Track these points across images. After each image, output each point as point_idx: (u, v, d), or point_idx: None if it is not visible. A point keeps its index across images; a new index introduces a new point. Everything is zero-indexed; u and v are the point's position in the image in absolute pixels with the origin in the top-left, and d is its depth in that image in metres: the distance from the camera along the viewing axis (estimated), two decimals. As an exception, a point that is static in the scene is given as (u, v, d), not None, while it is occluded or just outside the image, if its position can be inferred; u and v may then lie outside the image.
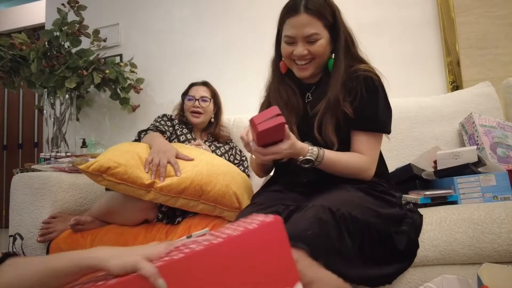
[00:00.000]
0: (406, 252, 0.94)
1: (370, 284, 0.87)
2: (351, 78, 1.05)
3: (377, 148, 1.06)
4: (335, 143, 1.02)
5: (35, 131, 3.89)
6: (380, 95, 1.05)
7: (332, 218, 0.83)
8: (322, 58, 1.07)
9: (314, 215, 0.84)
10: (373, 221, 0.88)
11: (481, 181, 1.13)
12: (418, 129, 1.63)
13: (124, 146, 1.30)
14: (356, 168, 1.02)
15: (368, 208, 0.91)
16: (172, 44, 2.43)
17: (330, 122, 1.03)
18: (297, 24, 1.02)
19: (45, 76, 2.04)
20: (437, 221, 1.00)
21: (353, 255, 0.83)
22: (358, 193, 0.96)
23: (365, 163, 1.02)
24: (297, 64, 1.07)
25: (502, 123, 1.50)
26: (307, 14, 1.01)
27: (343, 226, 0.83)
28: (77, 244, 1.27)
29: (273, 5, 2.21)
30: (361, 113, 1.03)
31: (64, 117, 2.20)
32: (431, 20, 1.96)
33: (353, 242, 0.84)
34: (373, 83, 1.04)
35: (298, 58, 1.06)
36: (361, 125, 1.04)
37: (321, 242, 0.79)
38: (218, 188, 1.23)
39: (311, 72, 1.08)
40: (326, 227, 0.82)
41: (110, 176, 1.16)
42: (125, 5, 2.57)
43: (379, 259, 0.88)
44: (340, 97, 1.03)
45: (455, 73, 1.89)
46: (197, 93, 1.69)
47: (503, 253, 0.94)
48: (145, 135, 1.46)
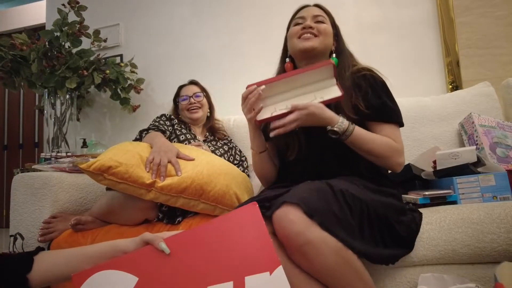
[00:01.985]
0: (406, 238, 0.93)
1: (372, 259, 0.86)
2: (358, 77, 1.09)
3: (401, 140, 1.07)
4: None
5: (35, 131, 3.89)
6: (389, 89, 1.10)
7: (331, 191, 0.85)
8: (325, 39, 1.12)
9: (312, 186, 0.86)
10: (372, 203, 0.88)
11: (480, 181, 1.13)
12: (418, 129, 1.64)
13: (125, 145, 1.30)
14: (389, 148, 1.01)
15: (367, 191, 0.92)
16: (173, 44, 2.44)
17: (346, 105, 1.04)
18: (307, 10, 1.17)
19: (45, 76, 2.04)
20: (436, 221, 1.01)
21: (353, 227, 0.83)
22: (358, 182, 0.97)
23: (398, 147, 1.03)
24: (302, 38, 1.12)
25: (501, 123, 1.50)
26: (317, 7, 1.19)
27: (341, 199, 0.84)
28: (77, 244, 1.27)
29: (274, 5, 2.22)
30: (380, 102, 1.05)
31: (64, 117, 2.20)
32: (431, 20, 1.96)
33: (353, 216, 0.84)
34: (381, 81, 1.10)
35: (305, 29, 1.12)
36: (385, 116, 1.06)
37: (319, 204, 0.80)
38: (218, 188, 1.24)
39: (314, 44, 1.11)
40: (325, 195, 0.83)
41: (111, 176, 1.16)
42: (126, 6, 2.57)
43: (378, 241, 0.88)
44: (351, 89, 1.07)
45: (454, 73, 1.89)
46: (189, 91, 1.74)
47: (503, 253, 0.94)
48: (146, 134, 1.47)
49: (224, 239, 0.72)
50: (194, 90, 1.74)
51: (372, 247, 0.85)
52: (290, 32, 1.16)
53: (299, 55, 1.15)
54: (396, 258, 0.92)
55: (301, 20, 1.15)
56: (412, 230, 0.95)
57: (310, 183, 0.90)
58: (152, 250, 0.71)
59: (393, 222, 0.90)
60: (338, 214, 0.81)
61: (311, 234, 0.76)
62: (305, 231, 0.76)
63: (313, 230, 0.76)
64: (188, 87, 1.77)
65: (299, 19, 1.16)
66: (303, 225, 0.76)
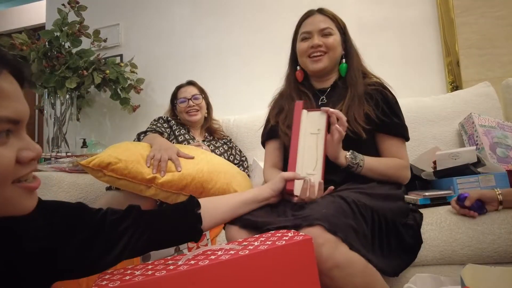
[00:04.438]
0: (412, 245, 0.94)
1: (382, 271, 0.85)
2: (372, 89, 1.11)
3: (407, 154, 1.10)
4: (362, 132, 1.03)
5: (35, 131, 3.88)
6: (399, 107, 1.12)
7: (344, 202, 0.85)
8: (335, 53, 1.14)
9: (326, 201, 0.86)
10: (382, 211, 0.89)
11: (480, 182, 1.13)
12: (418, 129, 1.63)
13: (125, 144, 1.31)
14: (397, 168, 1.05)
15: (374, 198, 0.93)
16: (173, 44, 2.44)
17: (358, 112, 1.05)
18: (313, 21, 1.16)
19: (45, 76, 2.04)
20: (437, 221, 1.01)
21: (368, 239, 0.84)
22: (366, 189, 0.97)
23: (403, 166, 1.06)
24: (312, 57, 1.13)
25: (501, 123, 1.50)
26: (322, 14, 1.17)
27: (355, 208, 0.84)
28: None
29: (274, 4, 2.22)
30: (390, 117, 1.07)
31: (64, 117, 2.20)
32: (431, 21, 1.96)
33: (367, 226, 0.85)
34: (392, 95, 1.12)
35: (313, 48, 1.12)
36: (394, 130, 1.08)
37: (338, 219, 0.79)
38: (219, 186, 1.24)
39: (325, 64, 1.13)
40: (341, 207, 0.83)
41: (111, 172, 1.16)
42: (126, 6, 2.57)
43: (385, 250, 0.88)
44: (363, 98, 1.07)
45: (454, 74, 1.89)
46: (187, 93, 1.70)
47: (503, 254, 0.94)
48: (144, 136, 1.47)
49: (267, 274, 0.62)
50: (192, 92, 1.70)
51: (382, 258, 0.86)
52: (299, 48, 1.17)
53: (310, 72, 1.19)
54: (401, 269, 0.92)
55: (308, 35, 1.14)
56: (417, 236, 0.96)
57: (323, 198, 0.90)
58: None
59: (400, 227, 0.91)
60: (356, 227, 0.81)
61: (339, 256, 0.75)
62: (334, 254, 0.74)
63: (340, 252, 0.75)
64: (186, 89, 1.73)
65: (305, 34, 1.15)
66: (332, 248, 0.75)
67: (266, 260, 0.62)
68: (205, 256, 0.64)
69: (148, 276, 0.57)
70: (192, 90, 1.72)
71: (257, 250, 0.62)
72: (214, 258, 0.62)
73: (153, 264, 0.67)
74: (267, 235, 0.74)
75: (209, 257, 0.62)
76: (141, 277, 0.57)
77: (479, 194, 0.98)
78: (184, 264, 0.61)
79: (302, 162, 0.98)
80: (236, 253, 0.62)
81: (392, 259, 0.89)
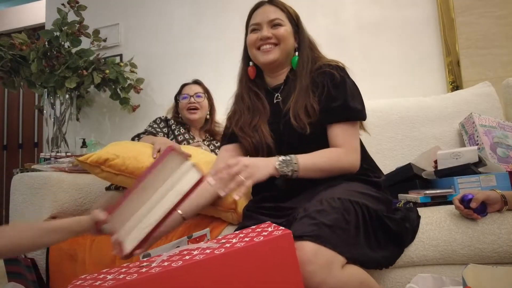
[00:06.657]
0: (399, 235, 0.92)
1: (365, 265, 0.85)
2: (317, 74, 1.06)
3: (353, 137, 1.03)
4: (306, 127, 0.98)
5: (35, 131, 3.88)
6: (348, 84, 1.04)
7: (328, 205, 0.83)
8: (286, 45, 1.09)
9: (314, 202, 0.85)
10: (362, 201, 0.88)
11: (481, 181, 1.13)
12: (418, 129, 1.63)
13: (124, 142, 1.32)
14: (334, 160, 0.97)
15: (353, 191, 0.91)
16: (172, 44, 2.43)
17: (301, 107, 1.01)
18: (262, 12, 1.10)
19: (45, 76, 2.04)
20: (437, 221, 1.00)
21: (354, 236, 0.83)
22: (340, 186, 0.95)
23: (341, 154, 0.98)
24: (261, 50, 1.09)
25: (502, 123, 1.50)
26: (271, 4, 1.11)
27: (334, 203, 0.83)
28: (77, 244, 1.27)
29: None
30: (330, 104, 1.01)
31: (64, 117, 2.20)
32: (431, 20, 1.95)
33: (349, 218, 0.83)
34: (339, 75, 1.03)
35: (263, 40, 1.08)
36: (333, 116, 1.01)
37: (326, 223, 0.78)
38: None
39: (275, 56, 1.08)
40: (331, 208, 0.82)
41: (108, 168, 1.16)
42: (125, 5, 2.57)
43: (372, 241, 0.87)
44: (309, 88, 1.03)
45: (455, 73, 1.89)
46: (191, 90, 1.72)
47: (503, 254, 0.94)
48: (139, 140, 1.48)
49: (247, 272, 0.61)
50: (195, 90, 1.72)
51: (369, 251, 0.85)
52: (248, 40, 1.11)
53: (261, 65, 1.13)
54: (389, 261, 0.91)
55: (257, 27, 1.09)
56: (403, 226, 0.94)
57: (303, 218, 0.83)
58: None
59: (383, 217, 0.89)
60: (342, 225, 0.80)
61: (332, 280, 0.73)
62: (327, 279, 0.72)
63: (334, 275, 0.73)
64: (190, 86, 1.75)
65: (255, 26, 1.10)
66: (325, 272, 0.72)
67: (243, 258, 0.61)
68: (180, 256, 0.63)
69: (118, 281, 0.57)
70: (196, 88, 1.74)
71: (233, 248, 0.61)
72: (189, 258, 0.61)
73: (128, 267, 0.66)
74: (247, 231, 0.72)
75: (184, 258, 0.61)
76: (111, 281, 0.57)
77: (484, 196, 0.96)
78: (157, 266, 0.60)
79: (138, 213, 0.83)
80: (212, 252, 0.61)
81: (380, 251, 0.88)
